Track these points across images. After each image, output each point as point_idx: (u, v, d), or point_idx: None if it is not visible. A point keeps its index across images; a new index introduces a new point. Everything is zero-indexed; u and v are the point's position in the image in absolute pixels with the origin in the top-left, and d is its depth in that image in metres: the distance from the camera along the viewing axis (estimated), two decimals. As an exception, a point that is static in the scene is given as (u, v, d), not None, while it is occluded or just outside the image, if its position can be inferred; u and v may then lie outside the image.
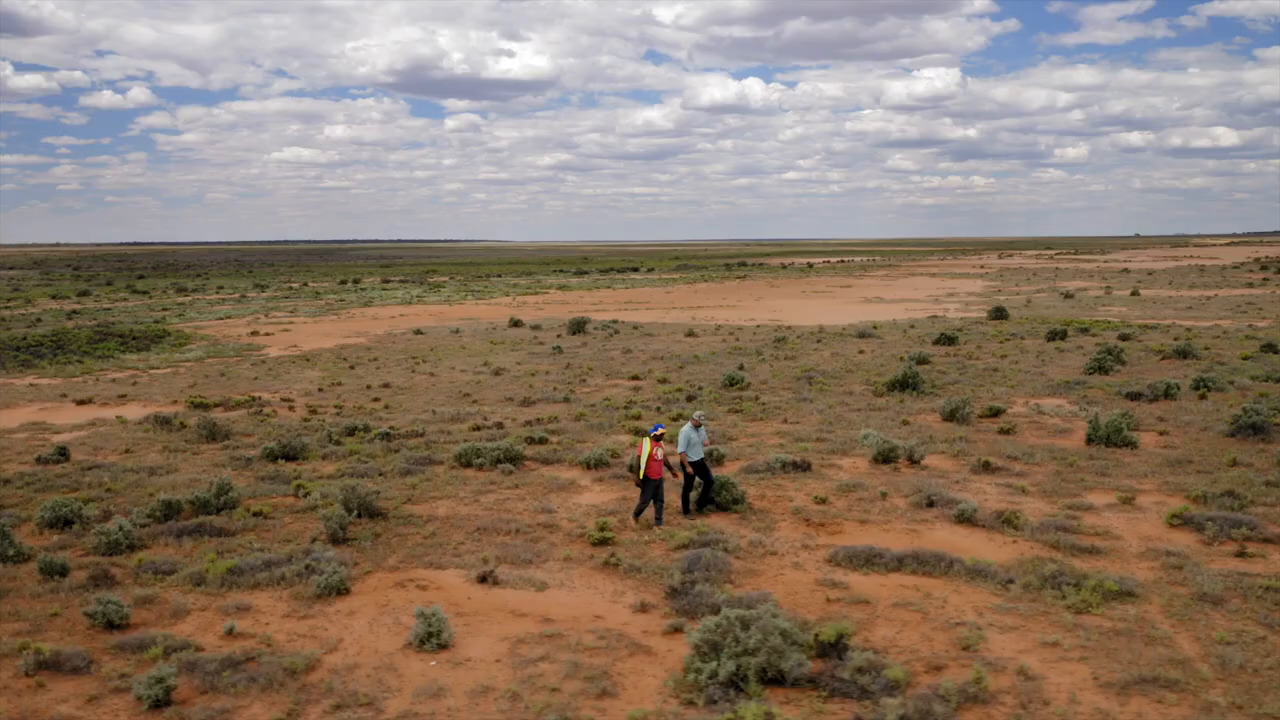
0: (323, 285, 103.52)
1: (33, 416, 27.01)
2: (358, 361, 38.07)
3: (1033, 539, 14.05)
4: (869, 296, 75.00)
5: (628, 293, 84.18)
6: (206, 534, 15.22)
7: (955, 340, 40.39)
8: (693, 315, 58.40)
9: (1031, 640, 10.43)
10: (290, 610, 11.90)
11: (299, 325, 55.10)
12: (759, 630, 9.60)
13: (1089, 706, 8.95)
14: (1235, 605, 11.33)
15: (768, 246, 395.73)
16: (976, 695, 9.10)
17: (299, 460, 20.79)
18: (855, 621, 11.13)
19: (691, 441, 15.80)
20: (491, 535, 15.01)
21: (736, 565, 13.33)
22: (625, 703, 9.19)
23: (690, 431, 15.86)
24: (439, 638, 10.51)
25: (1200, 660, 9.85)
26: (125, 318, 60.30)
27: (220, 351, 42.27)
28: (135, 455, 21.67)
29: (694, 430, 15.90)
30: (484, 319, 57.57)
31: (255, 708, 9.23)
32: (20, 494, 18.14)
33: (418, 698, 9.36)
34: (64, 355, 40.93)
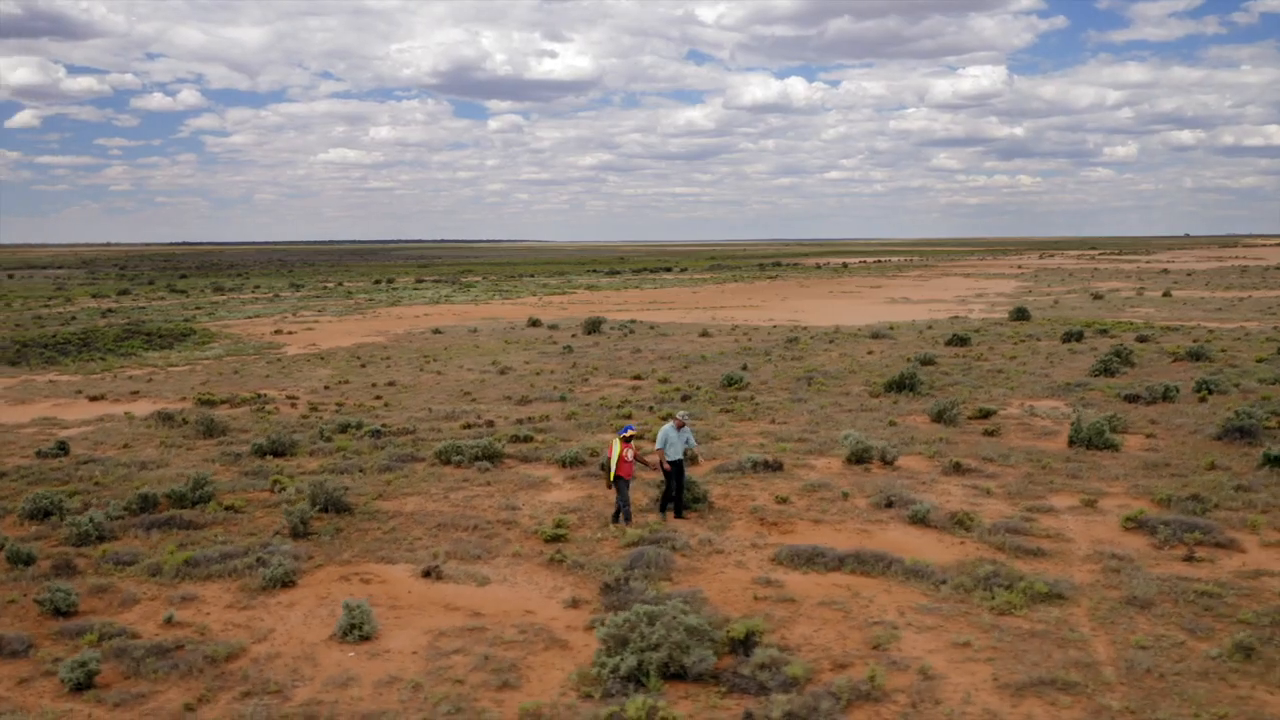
0: (357, 285, 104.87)
1: (45, 412, 27.81)
2: (370, 360, 38.66)
3: (981, 540, 14.02)
4: (896, 297, 74.47)
5: (654, 293, 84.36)
6: (176, 527, 15.65)
7: (968, 341, 40.07)
8: (712, 316, 58.43)
9: (944, 640, 10.46)
10: (234, 601, 12.25)
11: (323, 324, 55.98)
12: (663, 626, 9.74)
13: (980, 707, 8.98)
14: (1164, 609, 11.26)
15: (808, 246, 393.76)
16: (869, 693, 9.17)
17: (287, 456, 21.22)
18: (777, 619, 11.23)
19: (670, 441, 15.66)
20: (450, 531, 15.28)
21: (680, 563, 13.46)
22: (524, 695, 9.39)
23: (670, 431, 15.76)
24: (361, 629, 10.78)
25: (1108, 664, 9.83)
26: (157, 316, 61.64)
27: (240, 350, 43.12)
28: (132, 450, 22.26)
29: (674, 431, 15.83)
30: (505, 318, 58.07)
31: (171, 693, 9.55)
32: (13, 486, 18.73)
33: (326, 686, 9.63)
34: (89, 353, 42.01)
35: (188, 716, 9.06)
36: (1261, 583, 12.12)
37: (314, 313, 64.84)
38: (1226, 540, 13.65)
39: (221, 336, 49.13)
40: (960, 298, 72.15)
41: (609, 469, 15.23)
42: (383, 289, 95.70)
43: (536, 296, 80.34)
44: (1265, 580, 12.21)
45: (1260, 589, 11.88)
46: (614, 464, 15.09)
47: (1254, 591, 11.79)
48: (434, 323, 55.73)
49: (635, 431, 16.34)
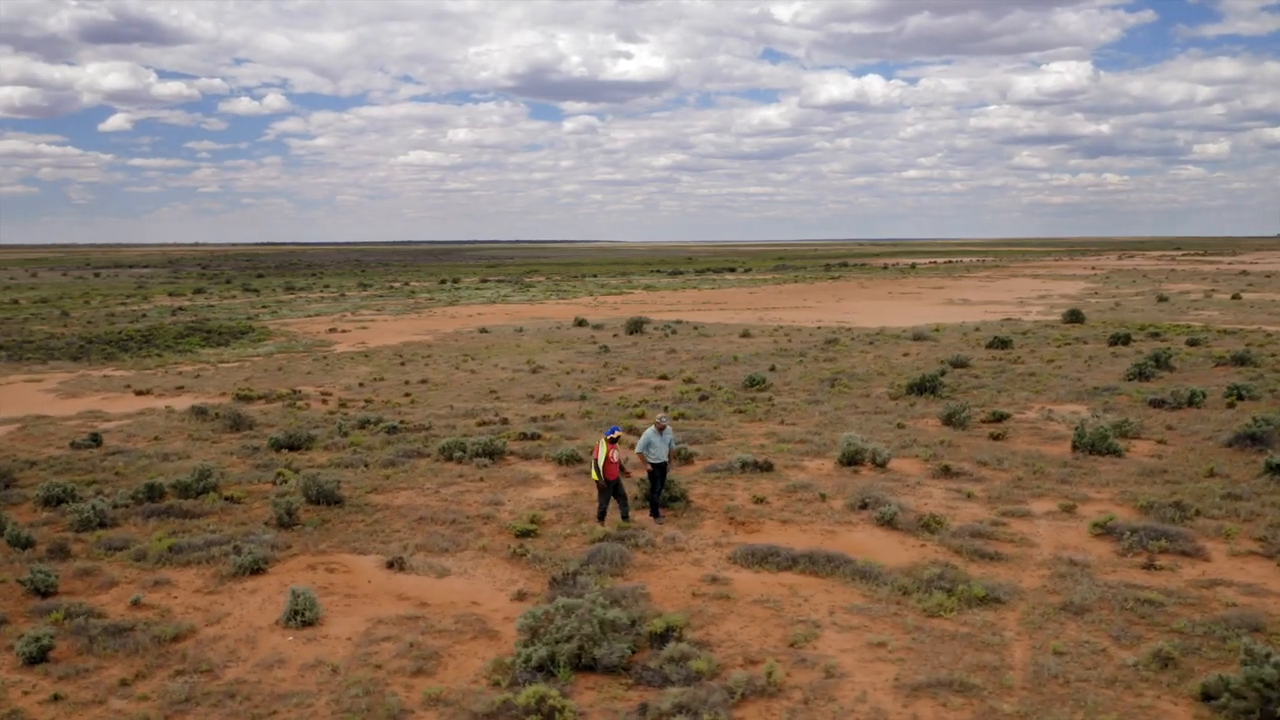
0: (423, 285, 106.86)
1: (93, 405, 29.17)
2: (411, 359, 39.58)
3: (942, 544, 13.98)
4: (955, 299, 73.30)
5: (711, 293, 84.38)
6: (175, 515, 16.43)
7: (1009, 344, 39.38)
8: (760, 316, 58.30)
9: (861, 640, 10.54)
10: (203, 586, 12.88)
11: (378, 323, 57.34)
12: (576, 619, 10.03)
13: (870, 705, 9.08)
14: (1099, 616, 11.15)
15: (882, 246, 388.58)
16: (764, 689, 9.33)
17: (301, 450, 22.00)
18: (708, 616, 11.43)
19: (652, 444, 15.87)
20: (429, 525, 15.75)
21: (638, 559, 13.72)
22: (436, 681, 9.77)
23: (652, 434, 15.99)
24: (304, 615, 11.28)
25: (1018, 669, 9.81)
26: (222, 315, 63.80)
27: (291, 348, 44.49)
28: (161, 443, 23.27)
29: (656, 434, 16.05)
30: (555, 318, 58.75)
31: (115, 669, 10.16)
32: (41, 475, 19.78)
33: (256, 668, 10.14)
34: (148, 349, 43.80)
35: (121, 690, 9.64)
36: (1214, 592, 11.90)
37: (373, 312, 66.41)
38: (1193, 549, 13.40)
39: (277, 334, 50.71)
40: (1021, 299, 70.70)
41: (597, 469, 15.40)
42: (446, 289, 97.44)
43: (593, 297, 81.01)
44: (1219, 590, 11.98)
45: (1209, 599, 11.67)
46: (601, 465, 15.34)
47: (1201, 601, 11.59)
48: (485, 322, 56.68)
49: (621, 433, 16.55)
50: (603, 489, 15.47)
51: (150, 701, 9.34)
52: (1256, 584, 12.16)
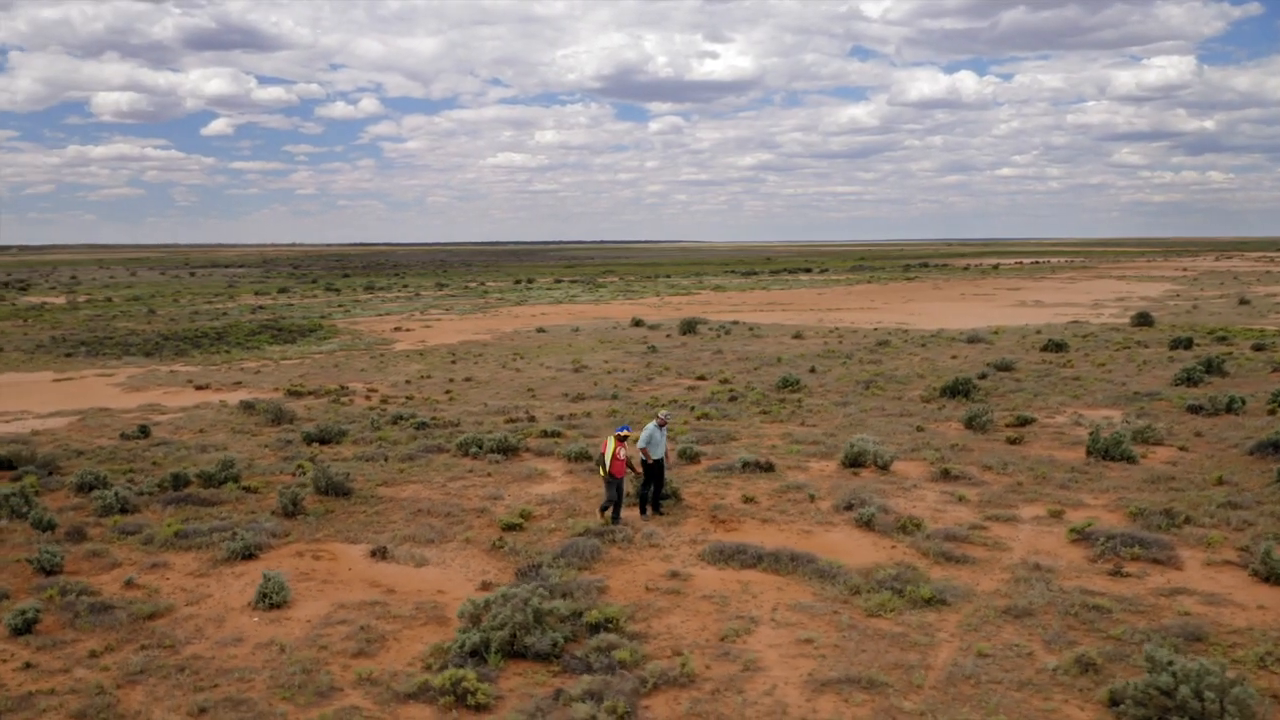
0: (499, 285, 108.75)
1: (154, 399, 30.71)
2: (463, 357, 40.57)
3: (914, 545, 14.01)
4: (1028, 300, 71.69)
5: (778, 294, 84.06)
6: (192, 503, 17.37)
7: (1064, 347, 38.52)
8: (821, 318, 57.98)
9: (791, 637, 10.72)
10: (196, 569, 13.68)
11: (442, 322, 58.74)
12: (511, 608, 10.45)
13: (775, 699, 9.28)
14: (1040, 620, 11.12)
15: (972, 247, 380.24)
16: (676, 679, 9.61)
17: (332, 444, 22.91)
18: (654, 609, 11.74)
19: (654, 440, 16.13)
20: (425, 516, 16.36)
21: (611, 554, 14.07)
22: (372, 663, 10.29)
23: (654, 430, 16.30)
24: (272, 599, 11.94)
25: (936, 669, 9.89)
26: (298, 313, 66.08)
27: (352, 346, 45.98)
28: (205, 435, 24.47)
29: (658, 429, 16.35)
30: (615, 318, 59.36)
31: (89, 642, 10.95)
32: (87, 463, 21.03)
33: (215, 645, 10.82)
34: (218, 346, 45.75)
35: (88, 661, 10.41)
36: (1172, 601, 11.73)
37: (441, 311, 67.98)
38: (1167, 557, 13.18)
39: (343, 333, 52.39)
40: (1097, 302, 68.79)
41: (604, 465, 15.52)
42: (519, 289, 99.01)
43: (659, 297, 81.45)
44: (1179, 598, 11.81)
45: (1163, 607, 11.52)
46: (608, 461, 15.51)
47: (1153, 609, 11.45)
48: (546, 322, 57.59)
49: (631, 431, 16.76)
50: (608, 484, 15.63)
51: (109, 672, 10.08)
52: (1221, 594, 11.95)
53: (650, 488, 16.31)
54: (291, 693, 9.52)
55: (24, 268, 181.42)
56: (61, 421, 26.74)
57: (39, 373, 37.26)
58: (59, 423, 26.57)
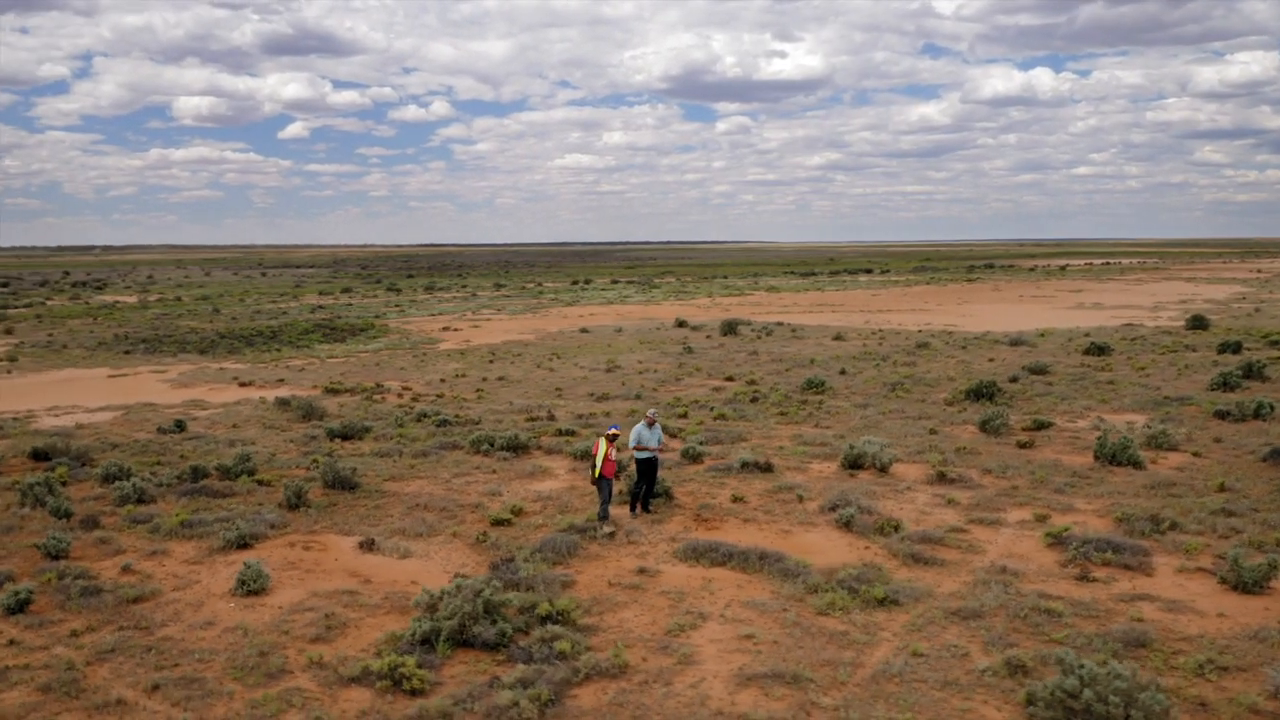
0: (556, 285, 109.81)
1: (199, 395, 31.90)
2: (502, 357, 41.26)
3: (886, 547, 14.07)
4: (1086, 303, 70.20)
5: (832, 295, 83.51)
6: (205, 495, 18.13)
7: (1107, 351, 37.79)
8: (868, 319, 57.56)
9: (734, 633, 10.93)
10: (192, 558, 14.34)
11: (491, 322, 59.67)
12: (462, 599, 10.84)
13: (699, 692, 9.51)
14: (986, 623, 11.15)
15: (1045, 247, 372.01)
16: (607, 670, 9.90)
17: (354, 440, 23.63)
18: (611, 603, 12.04)
19: (642, 439, 16.44)
20: (421, 511, 16.87)
21: (590, 550, 14.39)
22: (327, 648, 10.77)
23: (643, 429, 16.56)
24: (250, 586, 12.52)
25: (866, 667, 10.01)
26: (354, 313, 67.66)
27: (398, 345, 47.02)
28: (237, 430, 25.39)
29: (646, 428, 16.62)
30: (660, 319, 59.67)
31: (74, 622, 11.63)
32: (119, 455, 22.03)
33: (187, 628, 11.40)
34: (271, 344, 47.16)
35: (68, 639, 11.07)
36: (1131, 606, 11.66)
37: (493, 311, 69.01)
38: (1139, 563, 13.05)
39: (393, 332, 53.57)
40: (1158, 304, 67.08)
41: (594, 466, 15.75)
42: (575, 290, 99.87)
43: (711, 298, 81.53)
44: (1138, 604, 11.72)
45: (1118, 612, 11.46)
46: (599, 462, 15.79)
47: (1107, 614, 11.39)
48: (594, 323, 58.14)
49: (620, 431, 17.04)
50: (599, 485, 15.88)
51: (83, 650, 10.71)
52: (1184, 601, 11.82)
53: (642, 486, 16.58)
54: (243, 673, 10.03)
55: (105, 268, 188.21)
56: (107, 416, 27.94)
57: (97, 369, 38.88)
58: (105, 417, 27.77)
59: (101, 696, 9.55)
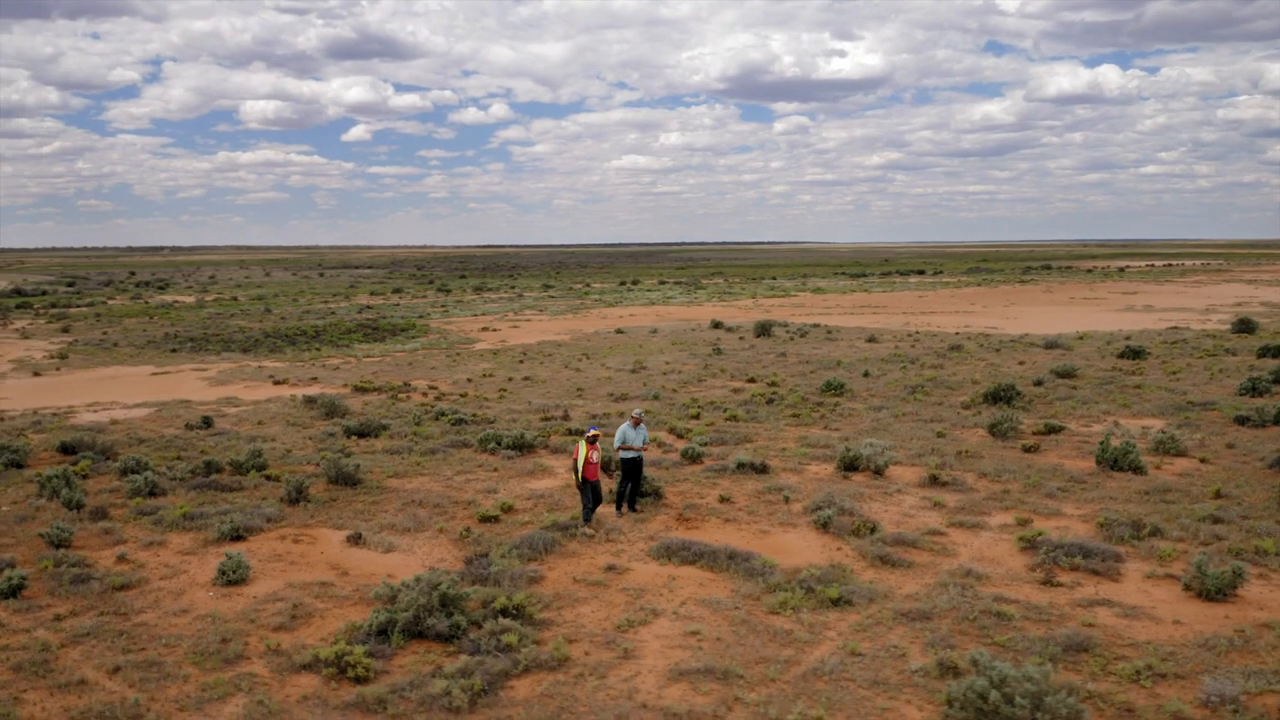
0: (604, 286, 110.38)
1: (234, 393, 32.85)
2: (533, 357, 41.77)
3: (858, 548, 14.14)
4: (1137, 305, 68.74)
5: (877, 297, 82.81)
6: (214, 489, 18.79)
7: (1142, 354, 37.10)
8: (907, 321, 57.07)
9: (681, 629, 11.12)
10: (187, 548, 14.93)
11: (531, 323, 60.32)
12: (418, 591, 11.20)
13: (630, 685, 9.72)
14: (933, 624, 11.20)
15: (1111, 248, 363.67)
16: (546, 662, 10.17)
17: (370, 437, 24.22)
18: (571, 598, 12.31)
19: (627, 438, 16.75)
20: (415, 507, 17.30)
21: (568, 547, 14.68)
22: (286, 635, 11.19)
23: (627, 429, 16.86)
24: (230, 576, 13.02)
25: (801, 665, 10.14)
26: (400, 313, 68.83)
27: (435, 345, 47.82)
28: (262, 427, 26.15)
29: (631, 428, 16.92)
30: (699, 320, 59.78)
31: (61, 607, 12.23)
32: (144, 450, 22.86)
33: (163, 614, 11.92)
34: (312, 344, 48.27)
35: (51, 623, 11.66)
36: (1088, 611, 11.62)
37: (535, 312, 69.70)
38: (1108, 569, 12.96)
39: (433, 332, 54.45)
40: (1210, 307, 65.42)
41: (577, 471, 15.86)
42: (621, 291, 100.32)
43: (754, 299, 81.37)
44: (1095, 609, 11.67)
45: (1071, 617, 11.43)
46: (581, 465, 15.97)
47: (1059, 618, 11.37)
48: (633, 323, 58.47)
49: (600, 433, 17.33)
50: (581, 488, 16.17)
51: (62, 634, 11.28)
52: (1143, 607, 11.74)
53: (627, 485, 16.82)
54: (202, 658, 10.50)
55: (170, 268, 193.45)
56: (142, 412, 28.95)
57: (142, 366, 40.21)
58: (140, 413, 28.77)
59: (67, 677, 10.08)
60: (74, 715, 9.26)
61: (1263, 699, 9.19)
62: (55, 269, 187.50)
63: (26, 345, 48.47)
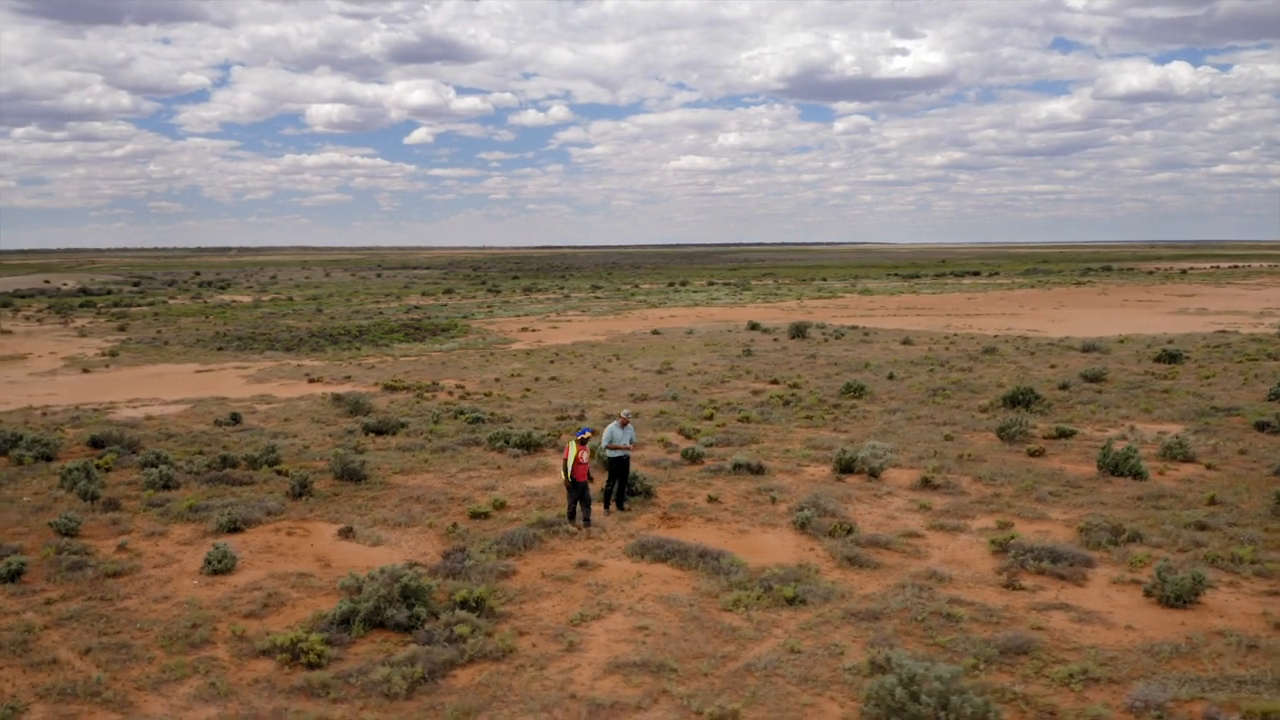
0: (653, 287, 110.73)
1: (269, 390, 33.82)
2: (564, 358, 42.25)
3: (829, 549, 14.25)
4: (1191, 308, 67.12)
5: (924, 298, 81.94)
6: (225, 483, 19.48)
7: (1178, 359, 36.37)
8: (949, 323, 56.48)
9: (632, 624, 11.39)
10: (187, 539, 15.57)
11: (571, 323, 60.88)
12: (380, 583, 11.62)
13: (566, 676, 10.01)
14: (880, 624, 11.31)
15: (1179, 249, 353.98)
16: (491, 653, 10.51)
17: (387, 435, 24.84)
18: (536, 592, 12.65)
19: (614, 438, 17.18)
20: (411, 503, 17.79)
21: (550, 544, 15.02)
22: (254, 622, 11.68)
23: (615, 429, 17.23)
24: (215, 565, 13.59)
25: (738, 660, 10.34)
26: (445, 314, 69.91)
27: (472, 345, 48.58)
28: (287, 424, 26.93)
29: (619, 428, 17.27)
30: (737, 321, 59.80)
31: (54, 591, 12.89)
32: (170, 445, 23.72)
33: (146, 600, 12.51)
34: (354, 343, 49.35)
35: (41, 606, 12.31)
36: (1042, 615, 11.62)
37: (578, 312, 70.29)
38: (1074, 573, 12.92)
39: (472, 332, 55.28)
40: (1265, 309, 63.66)
41: (567, 471, 16.09)
42: (668, 291, 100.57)
43: (799, 301, 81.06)
44: (1049, 613, 11.67)
45: (1021, 620, 11.44)
46: (570, 465, 16.21)
47: (1009, 621, 11.39)
48: (675, 324, 58.72)
49: (591, 434, 17.63)
50: (570, 488, 16.51)
51: (48, 616, 11.92)
52: (1099, 612, 11.71)
53: (615, 483, 17.12)
54: (170, 642, 11.03)
55: (235, 268, 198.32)
56: (177, 408, 29.95)
57: (187, 364, 41.53)
58: (175, 409, 29.78)
59: (42, 656, 10.68)
60: (39, 691, 9.84)
61: (1190, 706, 9.17)
62: (124, 269, 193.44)
63: (82, 343, 50.31)
